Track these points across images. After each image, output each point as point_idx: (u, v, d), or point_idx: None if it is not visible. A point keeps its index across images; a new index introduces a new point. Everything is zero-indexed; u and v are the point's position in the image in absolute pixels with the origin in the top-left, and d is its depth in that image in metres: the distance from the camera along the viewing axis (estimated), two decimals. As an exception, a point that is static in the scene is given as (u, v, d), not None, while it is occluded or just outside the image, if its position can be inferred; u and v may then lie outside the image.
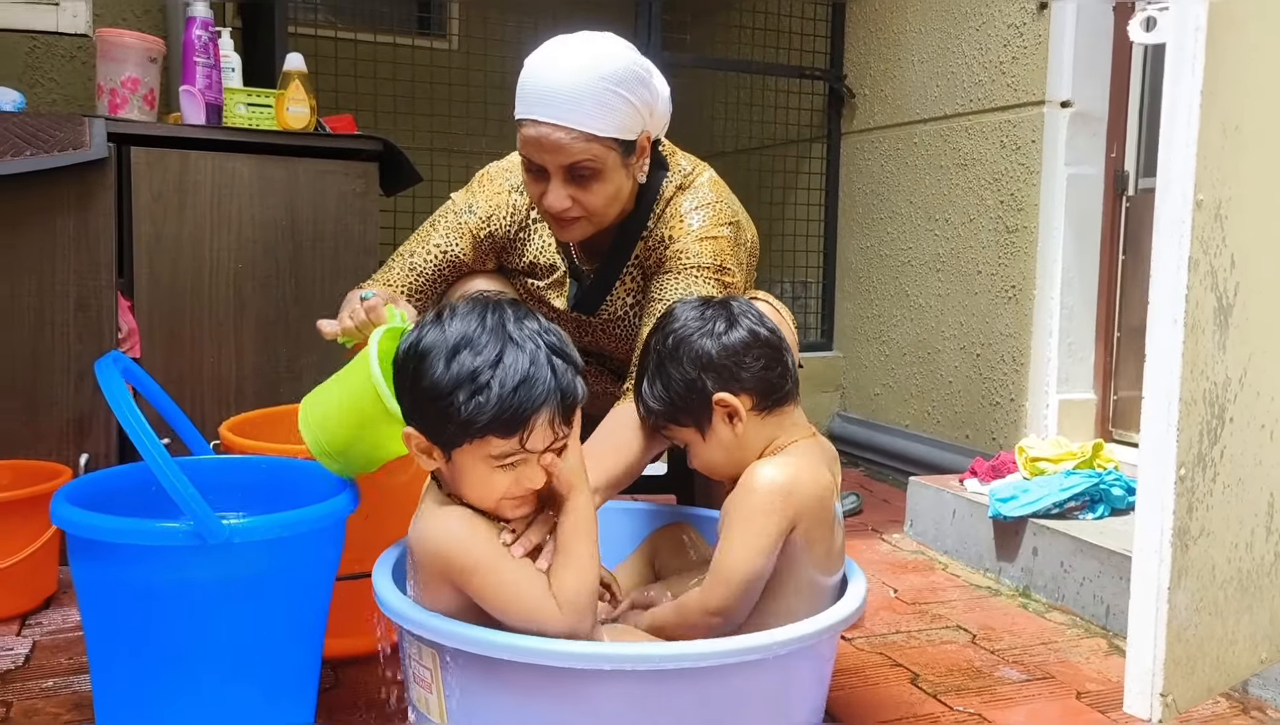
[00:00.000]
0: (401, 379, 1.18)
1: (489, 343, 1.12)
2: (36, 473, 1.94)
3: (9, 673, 1.63)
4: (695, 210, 1.66)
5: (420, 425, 1.17)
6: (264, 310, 2.31)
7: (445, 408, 1.11)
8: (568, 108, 1.49)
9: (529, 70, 1.53)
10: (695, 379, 1.34)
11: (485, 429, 1.11)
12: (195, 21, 2.29)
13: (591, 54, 1.51)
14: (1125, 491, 2.24)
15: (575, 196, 1.55)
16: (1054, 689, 1.69)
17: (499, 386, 1.10)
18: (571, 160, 1.52)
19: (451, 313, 1.16)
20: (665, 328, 1.39)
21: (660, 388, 1.37)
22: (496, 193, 1.77)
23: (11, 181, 2.01)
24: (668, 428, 1.41)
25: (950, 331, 3.02)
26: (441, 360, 1.12)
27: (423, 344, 1.14)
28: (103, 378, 1.24)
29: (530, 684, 1.13)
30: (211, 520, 1.20)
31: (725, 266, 1.63)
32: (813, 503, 1.31)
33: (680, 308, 1.41)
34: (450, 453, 1.16)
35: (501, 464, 1.14)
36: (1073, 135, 2.65)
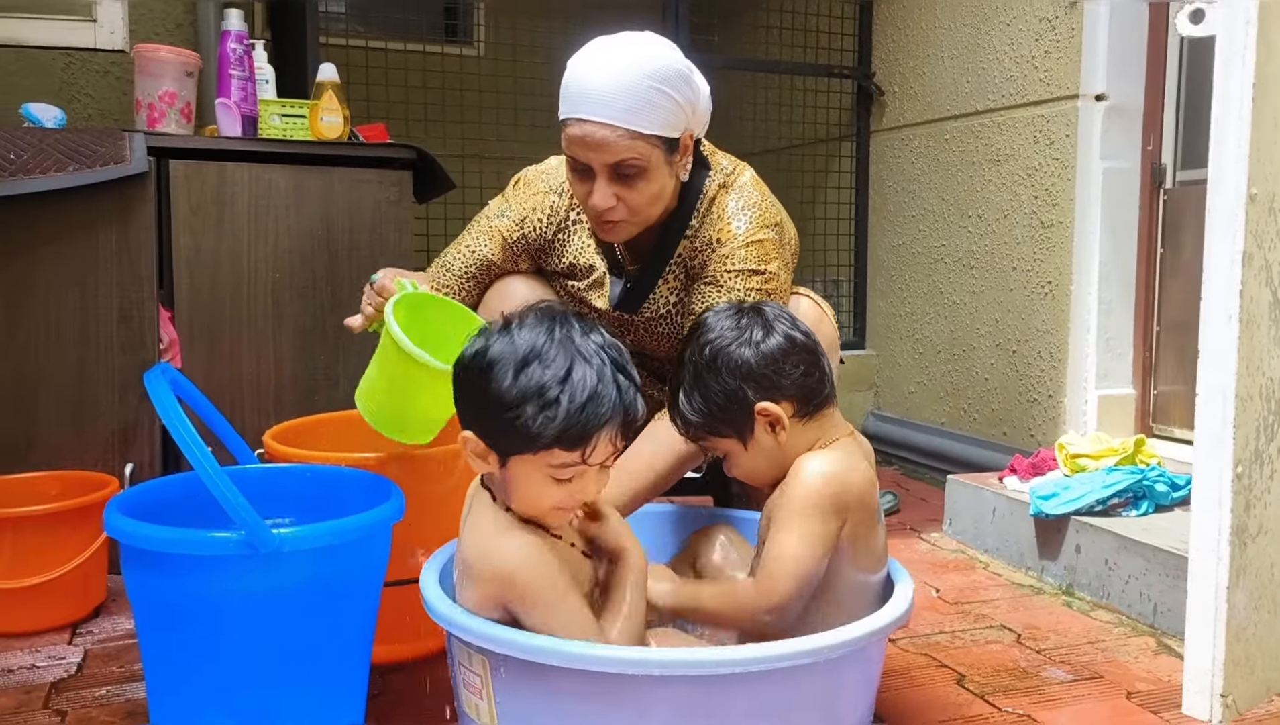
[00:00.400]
0: (466, 385, 1.18)
1: (558, 356, 1.12)
2: (84, 483, 1.97)
3: (62, 681, 1.65)
4: (741, 211, 1.67)
5: (481, 431, 1.17)
6: (301, 319, 2.33)
7: (512, 419, 1.12)
8: (613, 105, 1.50)
9: (573, 70, 1.55)
10: (735, 389, 1.32)
11: (551, 443, 1.12)
12: (230, 35, 2.32)
13: (635, 52, 1.52)
14: (1169, 488, 2.22)
15: (620, 195, 1.57)
16: (1103, 689, 1.68)
17: (568, 402, 1.11)
18: (617, 158, 1.53)
19: (520, 323, 1.16)
20: (700, 338, 1.36)
21: (699, 400, 1.34)
22: (532, 195, 1.79)
23: (55, 196, 2.05)
24: (707, 440, 1.39)
25: (985, 328, 3.00)
26: (510, 371, 1.12)
27: (490, 353, 1.14)
28: (152, 389, 1.25)
29: (582, 689, 1.13)
30: (262, 529, 1.22)
31: (769, 270, 1.64)
32: (859, 499, 1.31)
33: (714, 317, 1.38)
34: (507, 460, 1.17)
35: (559, 476, 1.15)
36: (1108, 129, 2.62)
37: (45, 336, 2.10)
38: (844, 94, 3.58)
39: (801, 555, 1.27)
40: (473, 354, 1.17)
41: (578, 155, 1.55)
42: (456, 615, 1.21)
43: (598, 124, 1.51)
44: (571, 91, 1.54)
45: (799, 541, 1.27)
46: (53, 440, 2.10)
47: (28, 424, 2.09)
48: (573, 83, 1.54)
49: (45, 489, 1.97)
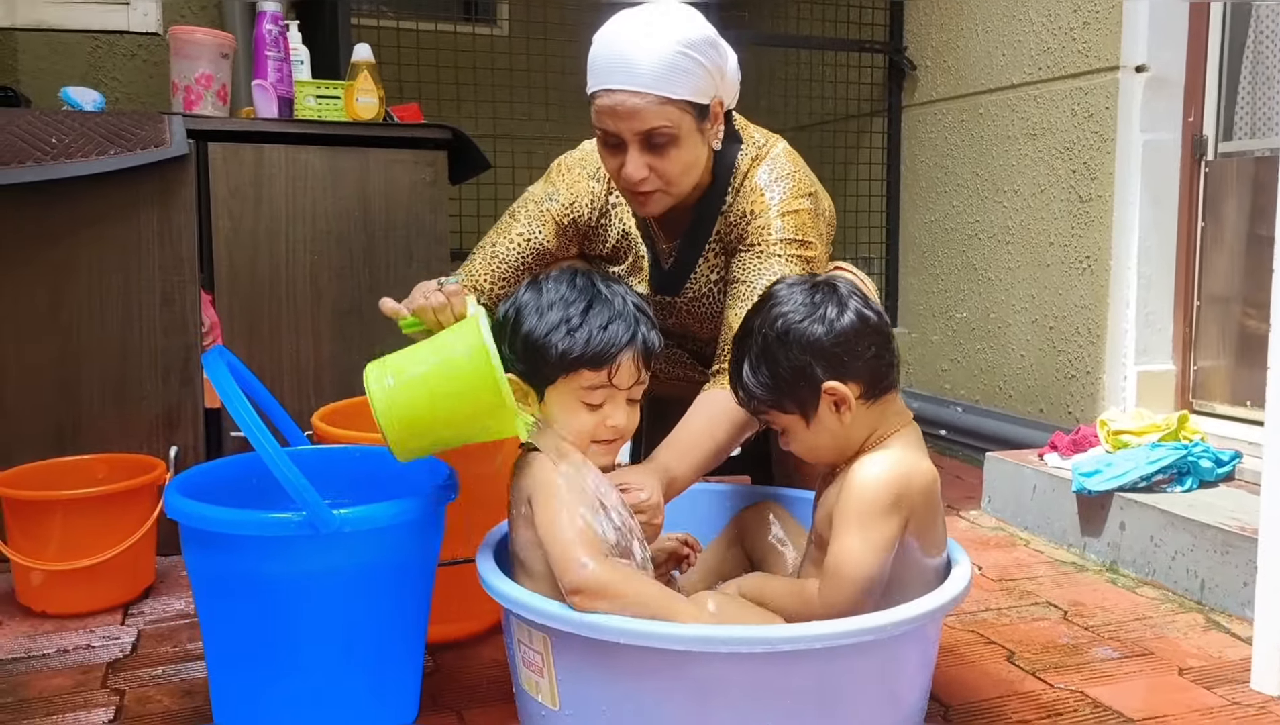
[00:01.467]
0: (503, 333, 1.29)
1: (579, 296, 1.27)
2: (131, 466, 1.99)
3: (118, 661, 1.67)
4: (774, 182, 1.65)
5: (520, 370, 1.28)
6: (339, 300, 2.34)
7: (544, 348, 1.25)
8: (641, 72, 1.49)
9: (599, 42, 1.54)
10: (805, 365, 1.29)
11: (578, 362, 1.25)
12: (265, 16, 2.31)
13: (661, 20, 1.51)
14: (1214, 464, 2.20)
15: (653, 165, 1.55)
16: (1155, 665, 1.67)
17: (589, 327, 1.25)
18: (648, 126, 1.51)
19: (546, 277, 1.31)
20: (771, 310, 1.33)
21: (765, 373, 1.32)
22: (576, 180, 1.77)
23: (96, 180, 2.05)
24: (768, 413, 1.37)
25: (1021, 305, 2.98)
26: (537, 312, 1.27)
27: (520, 302, 1.30)
28: (211, 372, 1.25)
29: (645, 667, 1.14)
30: (323, 510, 1.22)
31: (807, 240, 1.62)
32: (922, 495, 1.29)
33: (786, 290, 1.35)
34: (544, 392, 1.27)
35: (590, 400, 1.27)
36: (1148, 100, 2.58)
37: (89, 320, 2.11)
38: (875, 69, 3.55)
39: (866, 560, 1.25)
40: (506, 310, 1.31)
41: (608, 126, 1.54)
42: (517, 594, 1.21)
43: (628, 92, 1.49)
44: (600, 63, 1.53)
45: (863, 546, 1.25)
46: (97, 423, 2.12)
47: (73, 407, 2.11)
48: (600, 54, 1.53)
49: (93, 472, 1.98)
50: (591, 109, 1.55)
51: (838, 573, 1.26)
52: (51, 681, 1.59)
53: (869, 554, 1.25)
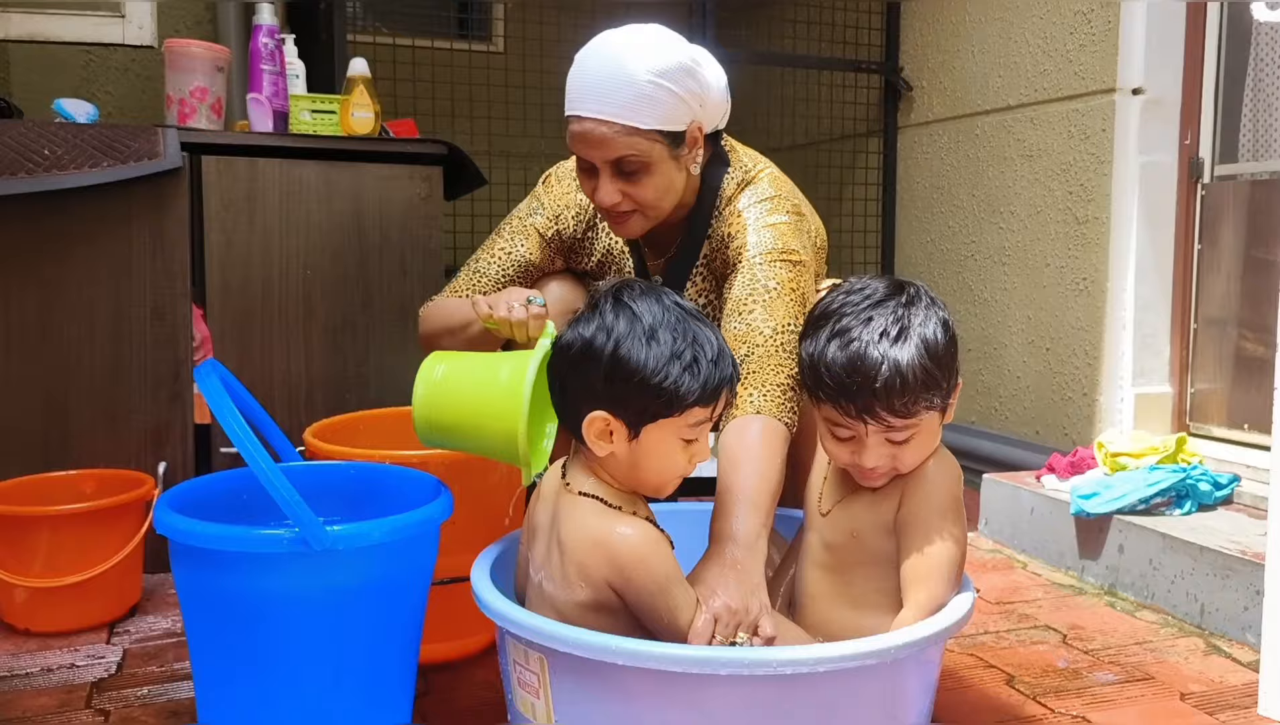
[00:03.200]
0: (589, 365, 1.18)
1: (680, 323, 1.18)
2: (119, 481, 1.96)
3: (103, 680, 1.64)
4: (755, 205, 1.61)
5: (615, 407, 1.17)
6: (332, 315, 2.31)
7: (660, 383, 1.15)
8: (608, 101, 1.47)
9: (575, 66, 1.52)
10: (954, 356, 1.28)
11: (696, 400, 1.17)
12: (261, 30, 2.30)
13: (632, 46, 1.49)
14: (1212, 487, 2.19)
15: (625, 191, 1.53)
16: (1155, 690, 1.65)
17: (705, 361, 1.18)
18: (616, 155, 1.49)
19: (629, 297, 1.20)
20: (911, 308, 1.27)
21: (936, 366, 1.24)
22: (564, 193, 1.75)
23: (89, 192, 2.03)
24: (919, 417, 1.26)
25: (1018, 326, 2.97)
26: (643, 341, 1.16)
27: (616, 332, 1.17)
28: (204, 386, 1.23)
29: (644, 688, 1.11)
30: (317, 527, 1.20)
31: (789, 248, 1.56)
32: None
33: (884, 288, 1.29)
34: (641, 430, 1.18)
35: (689, 437, 1.20)
36: (1145, 123, 2.59)
37: (79, 333, 2.08)
38: (872, 89, 3.56)
39: (957, 558, 1.27)
40: (591, 335, 1.18)
41: (580, 152, 1.53)
42: (513, 613, 1.19)
43: (595, 121, 1.47)
44: (572, 89, 1.51)
45: (955, 545, 1.26)
46: (86, 438, 2.09)
47: (61, 421, 2.08)
48: (573, 80, 1.51)
49: (81, 487, 1.95)
50: (567, 131, 1.53)
51: (936, 572, 1.25)
52: (35, 701, 1.56)
53: (960, 547, 1.28)
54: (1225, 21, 2.56)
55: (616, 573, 1.17)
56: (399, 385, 2.35)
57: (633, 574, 1.17)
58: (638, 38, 1.50)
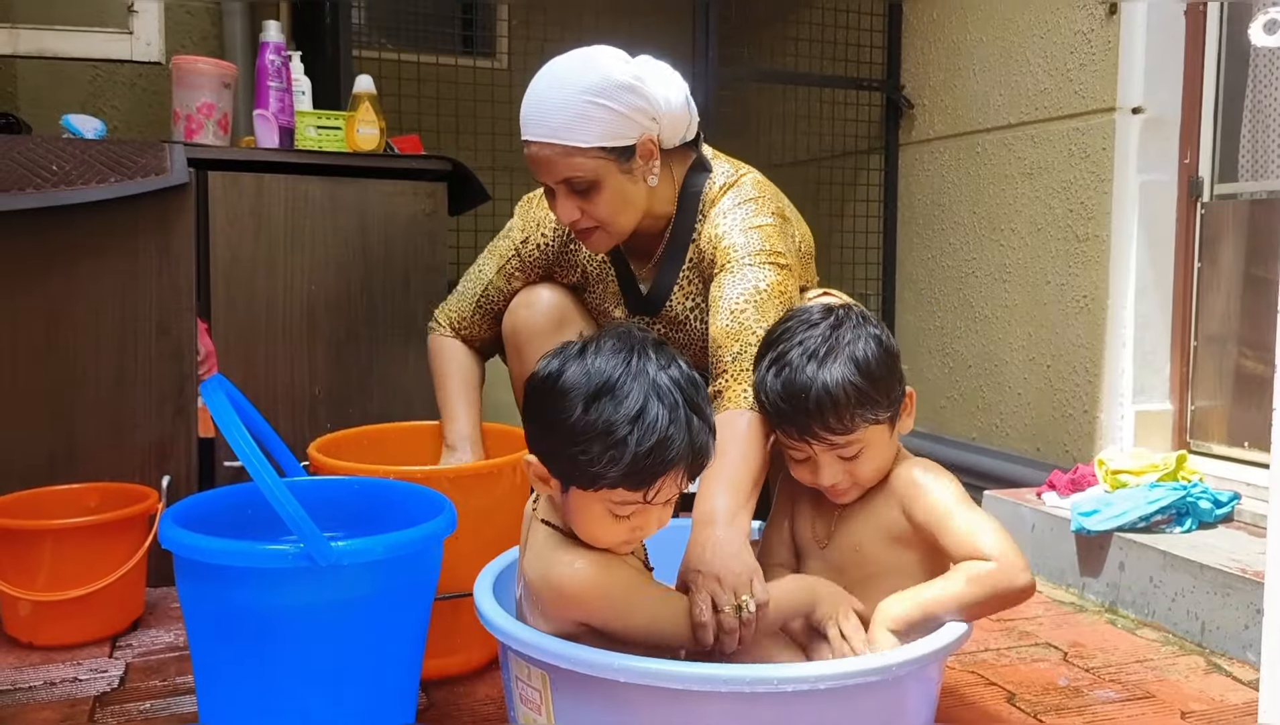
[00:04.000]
0: (536, 406, 1.15)
1: (631, 391, 1.08)
2: (123, 495, 1.96)
3: (105, 695, 1.64)
4: (738, 206, 1.65)
5: (544, 457, 1.14)
6: (336, 331, 2.32)
7: (576, 454, 1.08)
8: (547, 124, 1.53)
9: (528, 91, 1.59)
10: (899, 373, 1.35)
11: (615, 483, 1.09)
12: (268, 46, 2.32)
13: (571, 70, 1.55)
14: (1213, 504, 2.19)
15: (582, 207, 1.59)
16: (1157, 708, 1.65)
17: (635, 444, 1.07)
18: (563, 175, 1.56)
19: (597, 349, 1.12)
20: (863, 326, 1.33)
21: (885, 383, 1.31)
22: (535, 210, 1.84)
23: (96, 207, 2.05)
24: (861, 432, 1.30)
25: (1018, 343, 2.98)
26: (581, 402, 1.08)
27: (565, 379, 1.10)
28: (210, 401, 1.24)
29: (646, 705, 1.12)
30: (321, 542, 1.21)
31: (776, 250, 1.59)
32: None
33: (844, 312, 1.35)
34: (568, 488, 1.14)
35: (619, 512, 1.13)
36: (1145, 141, 2.60)
37: (85, 347, 2.09)
38: (873, 106, 3.58)
39: (993, 523, 1.28)
40: (545, 375, 1.13)
41: (534, 174, 1.61)
42: (516, 629, 1.19)
43: (540, 144, 1.55)
44: (523, 114, 1.58)
45: (983, 516, 1.29)
46: (91, 451, 2.10)
47: (66, 435, 2.09)
48: (524, 106, 1.58)
49: (85, 501, 1.96)
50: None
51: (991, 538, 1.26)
52: (38, 715, 1.56)
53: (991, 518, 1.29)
54: (1224, 41, 2.58)
55: (579, 610, 1.16)
56: (402, 400, 2.36)
57: (594, 607, 1.15)
58: (576, 61, 1.56)
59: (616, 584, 1.16)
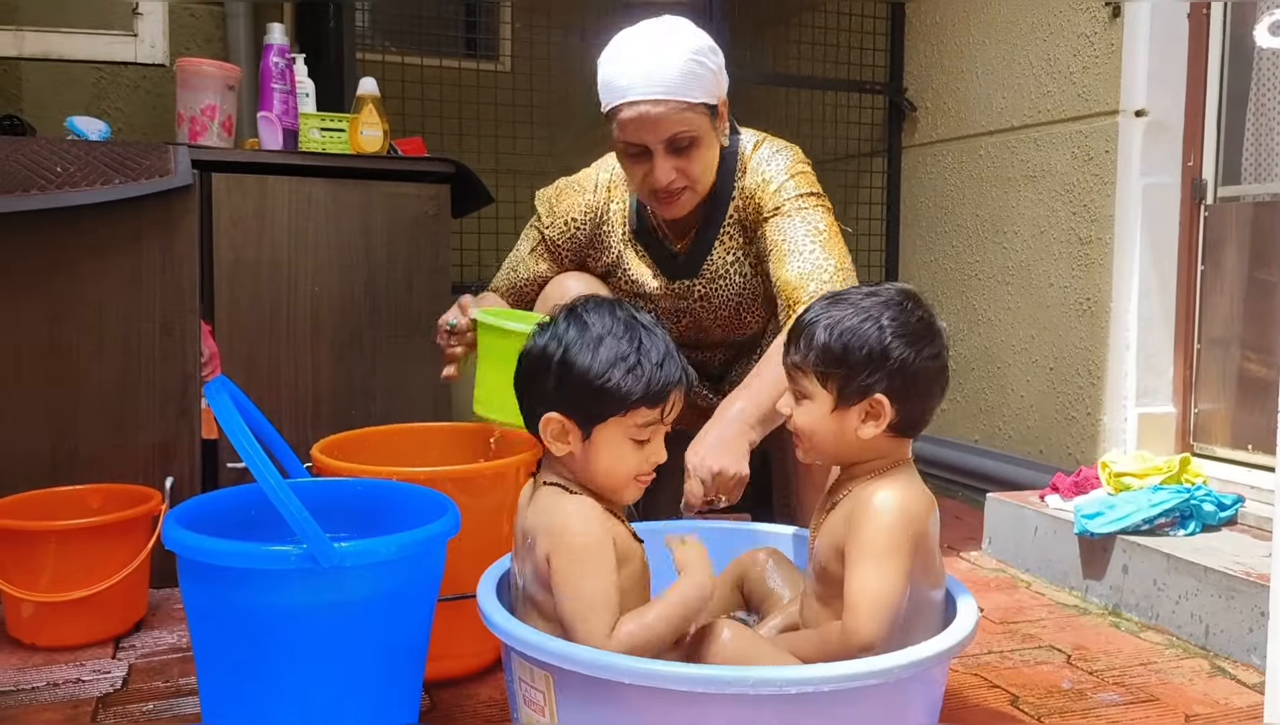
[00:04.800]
0: (541, 372, 1.24)
1: (627, 331, 1.24)
2: (127, 496, 1.96)
3: (108, 696, 1.64)
4: (776, 155, 1.78)
5: (566, 408, 1.23)
6: (339, 332, 2.33)
7: (602, 385, 1.21)
8: (661, 82, 1.59)
9: (611, 61, 1.63)
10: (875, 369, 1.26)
11: (639, 401, 1.21)
12: (272, 49, 2.32)
13: (665, 32, 1.63)
14: (1216, 507, 2.19)
15: (679, 167, 1.66)
16: (1161, 712, 1.65)
17: (649, 364, 1.23)
18: (671, 131, 1.61)
19: (583, 310, 1.25)
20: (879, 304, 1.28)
21: (841, 344, 1.26)
22: (565, 197, 1.88)
23: (99, 209, 2.05)
24: (805, 374, 1.30)
25: (1021, 345, 2.98)
26: (590, 348, 1.22)
27: (566, 339, 1.23)
28: (214, 403, 1.24)
29: (649, 707, 1.12)
30: (325, 543, 1.21)
31: (821, 192, 1.76)
32: (924, 526, 1.28)
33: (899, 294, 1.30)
34: (592, 431, 1.22)
35: (639, 438, 1.24)
36: (1148, 144, 2.60)
37: (88, 348, 2.10)
38: (875, 109, 3.58)
39: (885, 592, 1.22)
40: (544, 343, 1.25)
41: (632, 137, 1.63)
42: (520, 630, 1.19)
43: (651, 101, 1.59)
44: (617, 79, 1.62)
45: (882, 579, 1.22)
46: (94, 453, 2.10)
47: (70, 436, 2.09)
48: (616, 71, 1.62)
49: (88, 502, 1.96)
50: (613, 124, 1.65)
51: (860, 608, 1.22)
52: (41, 716, 1.56)
53: (888, 586, 1.22)
54: (1228, 44, 2.58)
55: (550, 538, 1.21)
56: (405, 402, 2.37)
57: (557, 536, 1.20)
58: (664, 25, 1.64)
59: (591, 535, 1.21)
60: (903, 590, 1.24)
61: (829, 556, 1.32)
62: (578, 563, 1.19)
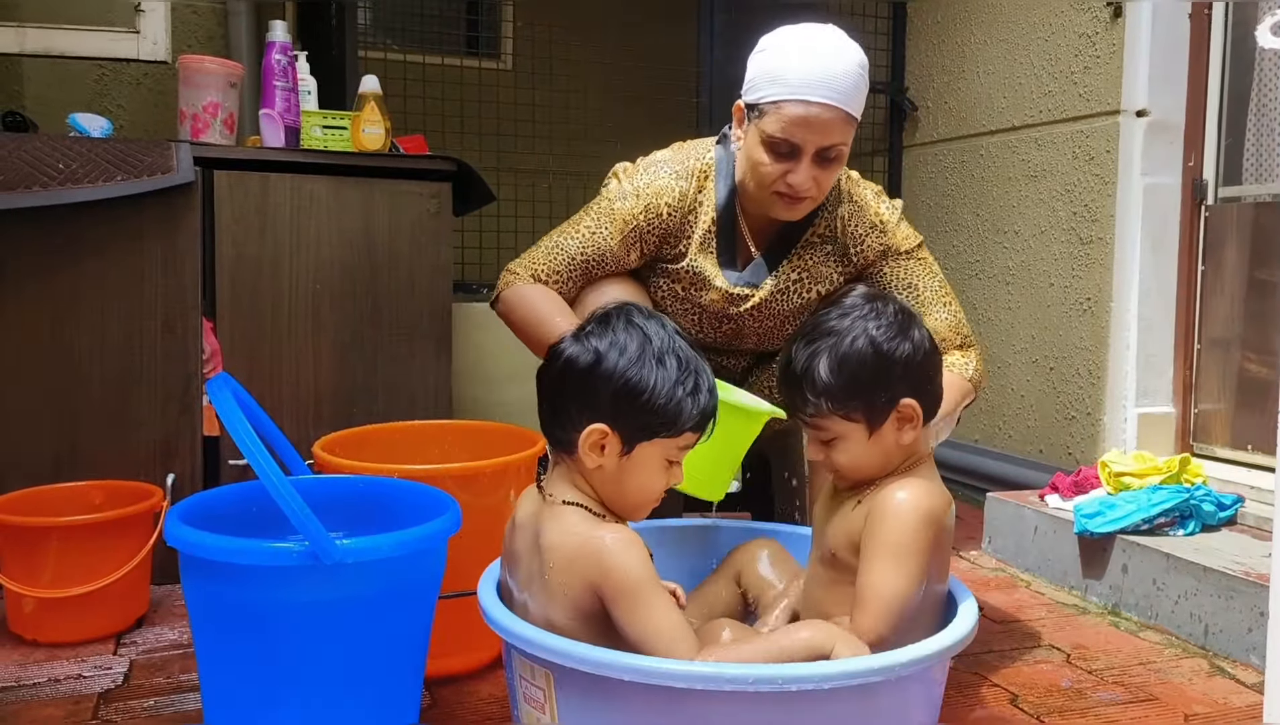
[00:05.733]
0: (593, 380, 1.20)
1: (683, 350, 1.23)
2: (128, 493, 1.97)
3: (110, 692, 1.64)
4: (878, 195, 1.84)
5: (615, 422, 1.20)
6: (341, 330, 2.33)
7: (663, 405, 1.20)
8: (839, 89, 1.56)
9: (780, 55, 1.60)
10: (892, 379, 1.28)
11: (693, 425, 1.22)
12: (275, 46, 2.32)
13: (841, 39, 1.61)
14: (1216, 507, 2.19)
15: (816, 177, 1.62)
16: (1160, 711, 1.65)
17: (705, 388, 1.23)
18: (830, 141, 1.59)
19: (641, 323, 1.23)
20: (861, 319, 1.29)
21: (848, 376, 1.28)
22: (657, 178, 1.77)
23: (102, 206, 2.05)
24: (828, 417, 1.30)
25: (1021, 345, 2.98)
26: (653, 364, 1.20)
27: (629, 352, 1.20)
28: (216, 399, 1.25)
29: (650, 705, 1.12)
30: (327, 540, 1.21)
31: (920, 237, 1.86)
32: (943, 523, 1.30)
33: (867, 303, 1.32)
34: (635, 446, 1.21)
35: (674, 459, 1.24)
36: (1149, 144, 2.60)
37: (90, 345, 2.10)
38: (877, 109, 3.57)
39: (902, 591, 1.23)
40: (603, 351, 1.21)
41: (793, 136, 1.58)
42: (520, 628, 1.19)
43: (825, 106, 1.56)
44: (796, 73, 1.57)
45: (901, 577, 1.23)
46: (95, 449, 2.10)
47: (71, 432, 2.09)
48: (797, 65, 1.57)
49: (89, 498, 1.96)
50: (768, 115, 1.60)
51: (874, 602, 1.24)
52: (42, 712, 1.57)
53: (905, 585, 1.24)
54: (1229, 45, 2.58)
55: (599, 573, 1.18)
56: (407, 399, 2.37)
57: (612, 573, 1.18)
58: (832, 34, 1.61)
59: (640, 562, 1.18)
60: (916, 591, 1.25)
61: (841, 545, 1.33)
62: (644, 603, 1.17)
